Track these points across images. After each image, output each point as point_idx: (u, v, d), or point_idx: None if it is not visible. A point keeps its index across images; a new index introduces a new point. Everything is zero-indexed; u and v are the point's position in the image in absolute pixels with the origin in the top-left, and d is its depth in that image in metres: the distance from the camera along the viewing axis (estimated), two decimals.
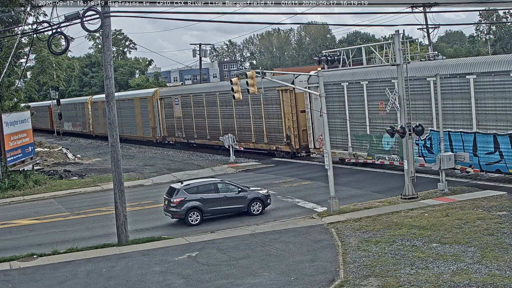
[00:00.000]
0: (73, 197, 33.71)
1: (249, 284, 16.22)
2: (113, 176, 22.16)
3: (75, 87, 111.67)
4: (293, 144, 40.10)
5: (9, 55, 31.62)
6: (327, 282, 15.80)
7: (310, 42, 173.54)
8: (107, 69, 21.83)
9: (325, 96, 24.91)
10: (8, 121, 36.76)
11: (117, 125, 22.31)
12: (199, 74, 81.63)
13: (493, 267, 15.59)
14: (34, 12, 39.80)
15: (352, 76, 33.92)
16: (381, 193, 27.61)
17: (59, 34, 21.58)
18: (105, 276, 18.05)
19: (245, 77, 25.50)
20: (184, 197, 24.36)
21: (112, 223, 23.28)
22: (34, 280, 18.32)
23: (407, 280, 15.23)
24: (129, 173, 39.75)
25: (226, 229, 23.11)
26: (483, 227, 19.59)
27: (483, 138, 27.04)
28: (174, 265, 18.61)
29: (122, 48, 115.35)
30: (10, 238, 24.55)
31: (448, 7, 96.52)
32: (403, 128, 25.30)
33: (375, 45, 27.88)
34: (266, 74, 26.73)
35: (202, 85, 56.39)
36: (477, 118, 27.13)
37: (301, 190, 30.09)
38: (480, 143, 27.16)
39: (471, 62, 28.47)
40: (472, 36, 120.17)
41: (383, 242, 18.92)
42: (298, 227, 22.29)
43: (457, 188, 26.39)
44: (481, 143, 27.12)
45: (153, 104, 54.11)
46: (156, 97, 54.32)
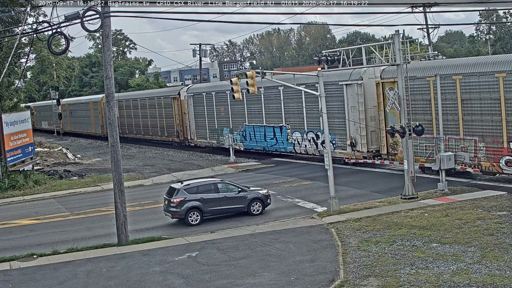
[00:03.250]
0: (73, 197, 33.71)
1: (249, 284, 16.22)
2: (113, 176, 22.17)
3: (75, 87, 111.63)
4: (180, 136, 53.21)
5: (9, 55, 31.61)
6: (327, 282, 15.80)
7: (310, 42, 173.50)
8: (107, 69, 21.82)
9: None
10: (8, 121, 36.76)
11: (117, 124, 22.33)
12: (199, 74, 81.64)
13: (493, 267, 15.60)
14: (34, 12, 39.82)
15: (215, 88, 48.75)
16: (381, 193, 27.62)
17: (59, 34, 21.57)
18: (105, 276, 18.05)
19: (245, 77, 25.52)
20: (184, 197, 24.36)
21: (112, 223, 23.28)
22: (34, 280, 18.32)
23: (407, 280, 15.23)
24: (129, 173, 39.75)
25: (226, 229, 23.11)
26: (483, 227, 19.59)
27: (269, 130, 41.18)
28: (174, 265, 18.61)
29: (122, 48, 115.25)
30: (10, 238, 24.55)
31: (448, 7, 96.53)
32: (403, 128, 25.32)
33: (375, 45, 27.88)
34: (266, 74, 26.76)
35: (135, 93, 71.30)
36: (265, 116, 42.00)
37: (301, 190, 30.09)
38: (268, 132, 41.38)
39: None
40: (472, 36, 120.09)
41: (383, 242, 18.92)
42: (298, 227, 22.29)
43: (457, 188, 26.41)
44: (268, 132, 41.38)
45: (101, 107, 66.94)
46: (103, 101, 65.17)
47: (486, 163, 27.42)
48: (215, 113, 47.42)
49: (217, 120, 47.38)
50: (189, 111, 51.08)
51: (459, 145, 28.63)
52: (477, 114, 27.68)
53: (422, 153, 30.53)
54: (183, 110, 52.26)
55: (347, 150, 35.48)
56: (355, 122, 34.05)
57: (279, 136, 40.78)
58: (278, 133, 40.86)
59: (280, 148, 41.16)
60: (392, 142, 32.65)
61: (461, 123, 28.38)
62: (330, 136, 33.13)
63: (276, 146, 41.14)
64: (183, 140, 52.96)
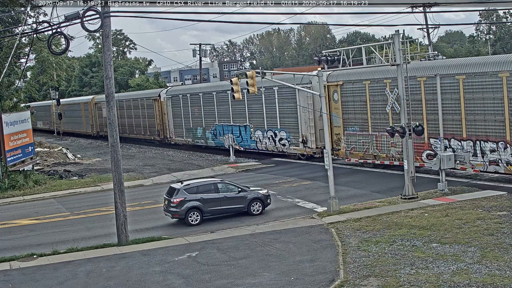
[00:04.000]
0: (73, 197, 33.71)
1: (249, 284, 16.22)
2: (113, 176, 22.16)
3: (75, 87, 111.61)
4: (160, 135, 56.89)
5: (9, 55, 31.60)
6: (327, 282, 15.80)
7: (310, 42, 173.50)
8: (107, 69, 21.82)
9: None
10: (8, 121, 36.75)
11: (118, 124, 22.33)
12: (199, 74, 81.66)
13: (493, 267, 15.60)
14: (34, 12, 39.82)
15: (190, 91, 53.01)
16: (381, 193, 27.62)
17: (59, 34, 21.58)
18: (105, 276, 18.05)
19: (245, 77, 25.51)
20: (184, 197, 24.36)
21: (112, 223, 23.28)
22: (34, 280, 18.32)
23: (407, 280, 15.23)
24: (129, 173, 39.75)
25: (226, 229, 23.11)
26: (483, 227, 19.59)
27: (236, 128, 45.38)
28: (174, 265, 18.61)
29: (122, 48, 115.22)
30: (10, 238, 24.55)
31: (448, 7, 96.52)
32: (403, 128, 25.32)
33: (375, 45, 27.86)
34: (266, 74, 26.75)
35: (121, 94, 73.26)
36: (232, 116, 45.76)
37: (301, 190, 30.09)
38: (234, 131, 45.43)
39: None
40: (472, 36, 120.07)
41: (383, 242, 18.92)
42: (298, 227, 22.29)
43: (457, 188, 26.40)
44: (235, 131, 45.39)
45: (91, 107, 72.86)
46: (93, 102, 73.06)
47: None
48: (190, 114, 51.40)
49: (192, 120, 51.27)
50: (168, 112, 54.89)
51: (390, 140, 31.44)
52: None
53: (360, 148, 34.61)
54: (163, 111, 55.92)
55: (300, 147, 39.37)
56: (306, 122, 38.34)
57: (244, 134, 44.71)
58: (243, 132, 44.82)
59: (245, 145, 44.75)
60: (336, 139, 36.37)
61: (391, 121, 31.17)
62: (285, 134, 40.68)
63: (242, 143, 44.94)
64: (163, 139, 56.58)
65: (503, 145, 26.40)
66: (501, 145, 26.52)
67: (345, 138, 35.60)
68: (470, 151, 27.81)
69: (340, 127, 35.93)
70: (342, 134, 35.78)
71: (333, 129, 36.32)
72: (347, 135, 35.50)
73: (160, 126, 56.69)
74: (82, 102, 76.81)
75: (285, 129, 40.53)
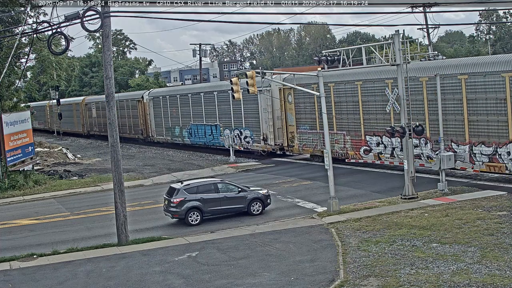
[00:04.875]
0: (73, 197, 33.71)
1: (249, 284, 16.23)
2: (113, 176, 22.16)
3: (75, 87, 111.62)
4: (144, 134, 60.62)
5: (9, 55, 31.58)
6: (327, 282, 15.80)
7: (310, 42, 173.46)
8: (107, 69, 21.81)
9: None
10: (8, 121, 36.74)
11: (117, 125, 22.33)
12: (199, 74, 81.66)
13: (493, 267, 15.60)
14: (34, 12, 39.81)
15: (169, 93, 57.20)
16: (381, 193, 27.62)
17: (59, 34, 21.56)
18: (105, 276, 18.05)
19: (245, 77, 25.51)
20: (184, 197, 24.36)
21: (112, 223, 23.28)
22: (34, 280, 18.32)
23: (407, 280, 15.23)
24: (129, 173, 39.75)
25: (226, 229, 23.11)
26: (483, 227, 19.59)
27: (207, 127, 49.03)
28: (174, 265, 18.61)
29: (122, 48, 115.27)
30: (10, 238, 24.55)
31: (448, 7, 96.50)
32: (403, 128, 25.32)
33: (375, 45, 27.86)
34: (266, 74, 26.76)
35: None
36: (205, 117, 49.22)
37: (301, 190, 30.09)
38: (207, 130, 49.04)
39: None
40: (472, 36, 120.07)
41: (383, 242, 18.92)
42: (298, 227, 22.29)
43: (457, 188, 26.40)
44: (207, 130, 49.03)
45: (82, 108, 77.14)
46: (83, 103, 77.33)
47: (351, 152, 34.99)
48: (169, 114, 55.28)
49: (170, 119, 55.19)
50: (150, 112, 59.02)
51: (334, 138, 35.65)
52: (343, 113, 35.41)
53: (310, 144, 38.70)
54: (146, 112, 59.91)
55: (261, 144, 42.93)
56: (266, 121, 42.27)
57: (215, 133, 48.46)
58: (214, 130, 48.54)
59: (215, 143, 48.48)
60: (290, 137, 40.38)
61: (334, 120, 35.86)
62: (249, 132, 44.06)
63: (213, 141, 48.75)
64: (146, 137, 60.59)
65: (424, 141, 30.10)
66: (422, 141, 30.14)
67: (298, 135, 39.66)
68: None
69: (294, 126, 39.91)
70: (295, 132, 39.83)
71: (288, 128, 40.51)
72: (299, 133, 39.54)
73: (143, 125, 60.44)
74: (74, 103, 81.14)
75: (249, 128, 44.07)
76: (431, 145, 29.65)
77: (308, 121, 38.59)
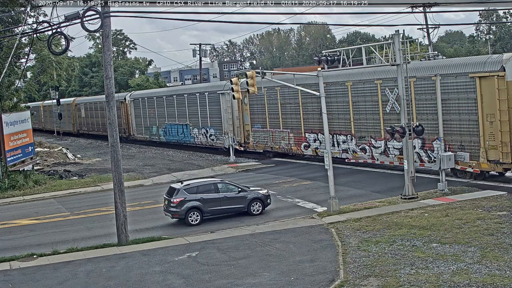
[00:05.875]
0: (73, 197, 33.71)
1: (249, 284, 16.23)
2: (113, 176, 22.16)
3: (75, 87, 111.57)
4: (126, 133, 64.00)
5: (9, 55, 31.58)
6: (327, 282, 15.80)
7: (310, 42, 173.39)
8: (107, 69, 21.82)
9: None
10: (8, 121, 36.74)
11: (117, 124, 22.33)
12: (199, 74, 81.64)
13: (493, 267, 15.60)
14: (34, 12, 39.79)
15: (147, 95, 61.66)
16: (381, 193, 27.62)
17: (59, 34, 21.57)
18: (105, 276, 18.05)
19: (245, 77, 25.51)
20: (184, 197, 24.36)
21: (112, 223, 23.28)
22: (34, 280, 18.32)
23: (407, 280, 15.23)
24: (129, 173, 39.75)
25: (226, 229, 23.11)
26: (483, 227, 19.59)
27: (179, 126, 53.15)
28: (174, 265, 18.61)
29: (122, 48, 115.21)
30: (10, 238, 24.55)
31: (448, 7, 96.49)
32: (403, 128, 25.32)
33: (375, 45, 27.86)
34: (266, 74, 26.77)
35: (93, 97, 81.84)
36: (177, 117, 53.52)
37: (301, 190, 30.09)
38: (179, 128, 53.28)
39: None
40: (472, 36, 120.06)
41: (383, 242, 18.92)
42: (298, 227, 22.29)
43: (457, 188, 26.41)
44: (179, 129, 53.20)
45: (72, 108, 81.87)
46: (73, 104, 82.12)
47: (295, 148, 39.84)
48: (148, 114, 59.82)
49: (149, 119, 59.77)
50: (132, 113, 63.40)
51: (280, 135, 40.77)
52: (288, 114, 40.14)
53: (262, 141, 43.19)
54: (128, 112, 64.22)
55: (122, 133, 46.26)
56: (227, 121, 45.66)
57: (185, 132, 52.68)
58: (185, 129, 52.74)
59: (186, 141, 52.83)
60: (246, 135, 44.72)
61: (281, 120, 40.71)
62: (213, 130, 48.03)
63: (184, 139, 53.03)
64: (128, 136, 64.59)
65: (350, 137, 34.87)
66: (349, 137, 34.94)
67: (252, 133, 44.01)
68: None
69: (249, 125, 44.20)
70: (250, 130, 44.10)
71: (245, 126, 44.77)
72: (253, 131, 43.95)
73: (125, 125, 64.62)
74: (65, 103, 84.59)
75: (213, 127, 48.21)
76: (355, 140, 34.69)
77: (260, 120, 43.03)
